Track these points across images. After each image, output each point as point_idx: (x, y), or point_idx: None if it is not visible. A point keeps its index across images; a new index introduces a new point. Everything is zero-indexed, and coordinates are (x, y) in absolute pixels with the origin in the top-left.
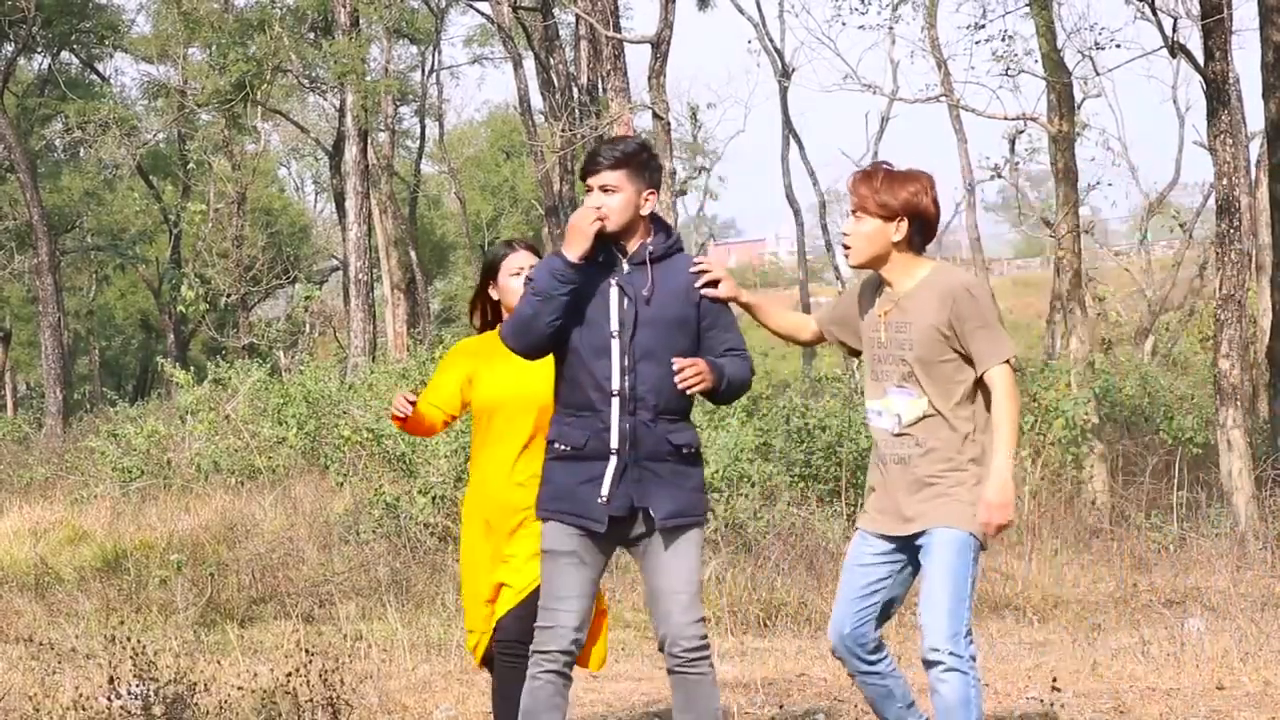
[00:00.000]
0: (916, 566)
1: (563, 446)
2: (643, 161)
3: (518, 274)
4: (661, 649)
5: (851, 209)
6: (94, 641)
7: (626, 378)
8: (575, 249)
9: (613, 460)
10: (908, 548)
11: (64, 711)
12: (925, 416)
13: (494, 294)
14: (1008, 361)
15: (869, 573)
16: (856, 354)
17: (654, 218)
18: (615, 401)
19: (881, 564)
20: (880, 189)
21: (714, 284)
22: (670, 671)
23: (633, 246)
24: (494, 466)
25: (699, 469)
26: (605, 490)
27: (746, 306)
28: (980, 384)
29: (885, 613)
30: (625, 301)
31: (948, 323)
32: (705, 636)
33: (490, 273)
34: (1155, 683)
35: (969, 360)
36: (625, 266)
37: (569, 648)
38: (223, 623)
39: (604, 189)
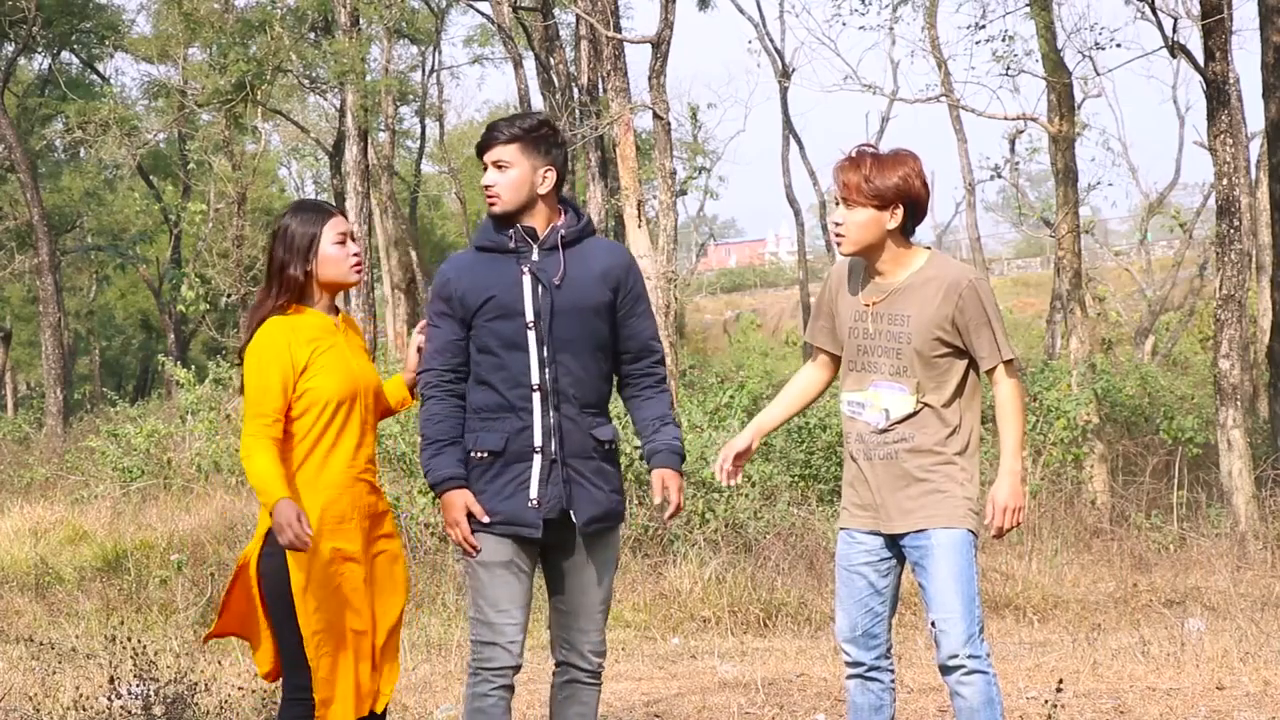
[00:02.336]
0: (903, 560)
1: (479, 453)
2: (541, 136)
3: (341, 241)
4: (563, 659)
5: (841, 197)
6: (94, 641)
7: (547, 370)
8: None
9: (537, 460)
10: (895, 544)
11: (64, 711)
12: (915, 412)
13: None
14: (1012, 359)
15: (869, 571)
16: None
17: (564, 200)
18: (536, 397)
19: (880, 561)
20: (871, 176)
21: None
22: (571, 682)
23: (543, 230)
24: (349, 469)
25: (618, 468)
26: (534, 492)
27: (754, 442)
28: (967, 377)
29: (893, 611)
30: (539, 289)
31: (950, 318)
32: (605, 648)
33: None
34: (1155, 683)
35: (963, 354)
36: (535, 253)
37: (517, 661)
38: None
39: (496, 164)
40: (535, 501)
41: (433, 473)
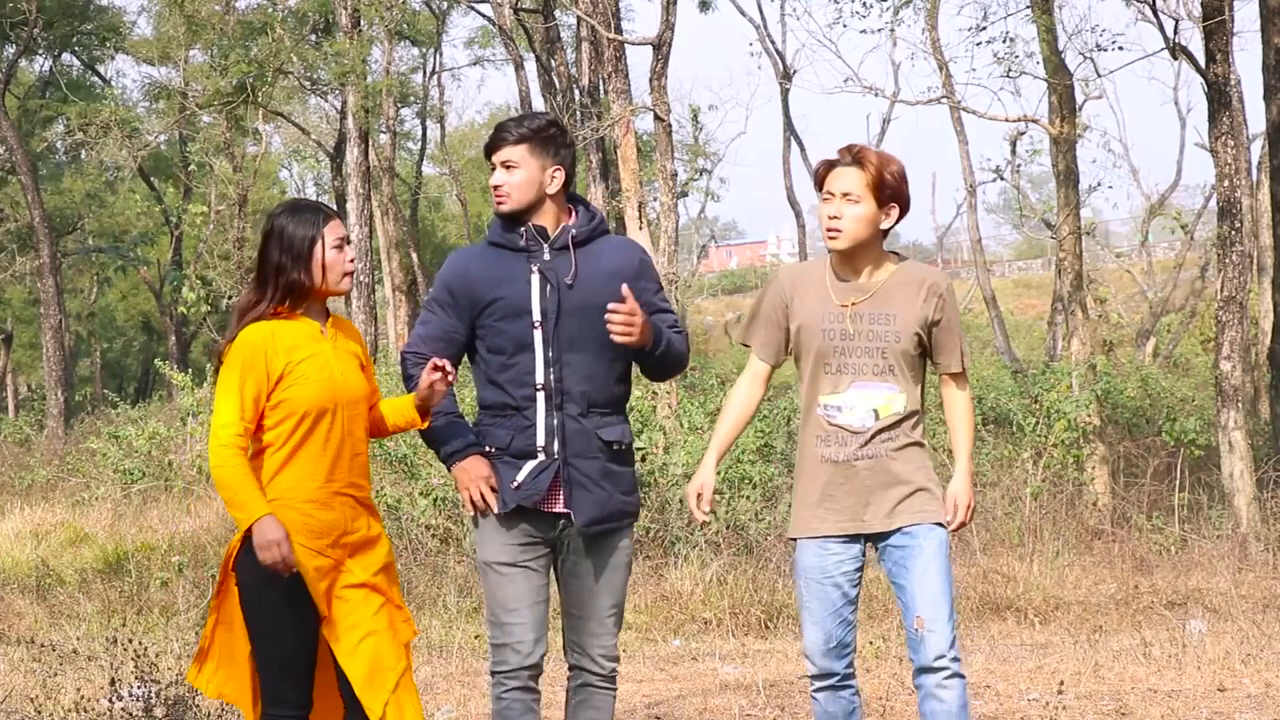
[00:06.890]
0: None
1: (490, 448)
2: (549, 137)
3: (339, 247)
4: (575, 663)
5: (845, 190)
6: (95, 643)
7: (551, 370)
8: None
9: (539, 458)
10: (861, 548)
11: (65, 713)
12: (901, 410)
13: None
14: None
15: (844, 581)
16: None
17: (575, 199)
18: (540, 397)
19: (855, 570)
20: (882, 169)
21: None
22: (584, 686)
23: (554, 230)
24: (327, 484)
25: (630, 468)
26: (521, 476)
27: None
28: (925, 375)
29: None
30: (548, 289)
31: (929, 318)
32: (618, 652)
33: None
34: (1157, 684)
35: (924, 356)
36: (547, 252)
37: (531, 662)
38: None
39: (505, 165)
40: (517, 484)
41: (448, 443)
